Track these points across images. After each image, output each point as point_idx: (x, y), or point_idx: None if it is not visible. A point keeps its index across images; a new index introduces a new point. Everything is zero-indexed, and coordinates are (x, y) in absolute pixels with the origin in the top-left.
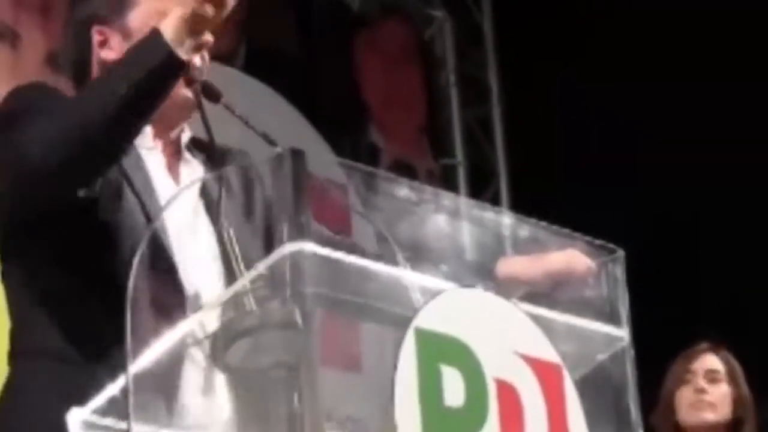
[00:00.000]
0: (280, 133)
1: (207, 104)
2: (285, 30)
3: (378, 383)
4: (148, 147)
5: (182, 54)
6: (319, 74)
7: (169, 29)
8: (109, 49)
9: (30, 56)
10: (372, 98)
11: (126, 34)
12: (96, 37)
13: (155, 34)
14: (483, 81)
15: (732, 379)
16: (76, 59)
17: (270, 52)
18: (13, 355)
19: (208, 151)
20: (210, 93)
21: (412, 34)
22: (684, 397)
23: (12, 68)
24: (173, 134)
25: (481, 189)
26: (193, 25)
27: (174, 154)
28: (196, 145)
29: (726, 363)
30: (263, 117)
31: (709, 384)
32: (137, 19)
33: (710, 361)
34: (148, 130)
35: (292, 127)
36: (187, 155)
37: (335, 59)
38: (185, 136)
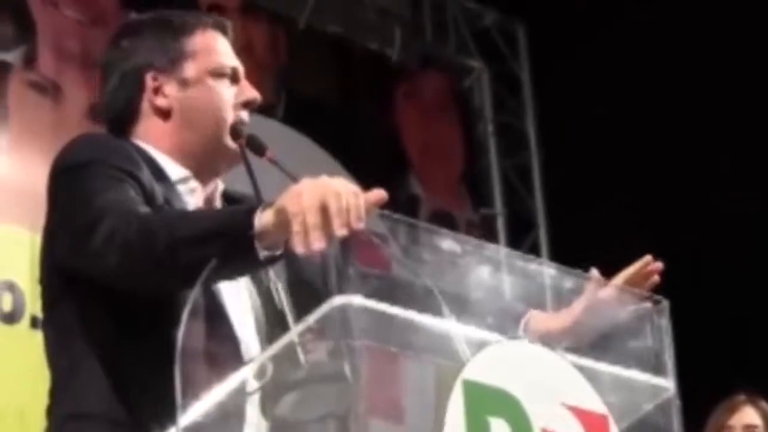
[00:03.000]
0: None
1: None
2: (325, 80)
3: None
4: (191, 188)
5: (266, 250)
6: (358, 125)
7: (279, 218)
8: (163, 96)
9: (72, 110)
10: (411, 149)
11: (182, 83)
12: (150, 83)
13: (250, 221)
14: (521, 130)
15: None
16: (123, 105)
17: (310, 102)
18: (58, 415)
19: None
20: (256, 146)
21: (449, 84)
22: None
23: (54, 122)
24: (212, 183)
25: (521, 238)
26: (322, 217)
27: (208, 202)
28: (227, 198)
29: (764, 417)
30: (301, 169)
31: None
32: (194, 71)
33: (749, 416)
34: (190, 173)
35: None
36: (219, 205)
37: (375, 110)
38: (220, 187)
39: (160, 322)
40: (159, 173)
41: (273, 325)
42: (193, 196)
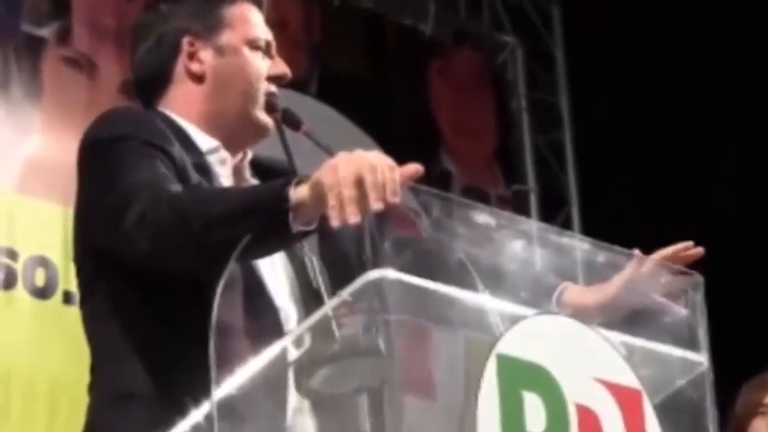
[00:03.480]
0: None
1: None
2: (358, 56)
3: (451, 410)
4: (221, 159)
5: (301, 224)
6: (391, 100)
7: (314, 192)
8: (198, 62)
9: (107, 86)
10: (444, 124)
11: (218, 50)
12: (186, 48)
13: (286, 195)
14: (554, 106)
15: None
16: (156, 68)
17: (343, 78)
18: (102, 395)
19: (266, 174)
20: (291, 120)
21: (483, 60)
22: (758, 431)
23: (89, 98)
24: (240, 154)
25: (553, 214)
26: (358, 191)
27: (237, 173)
28: (255, 166)
29: None
30: (334, 144)
31: None
32: (230, 40)
33: None
34: (219, 144)
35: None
36: (247, 175)
37: (408, 85)
38: (248, 156)
39: (196, 299)
40: (189, 144)
41: (308, 299)
42: (223, 166)
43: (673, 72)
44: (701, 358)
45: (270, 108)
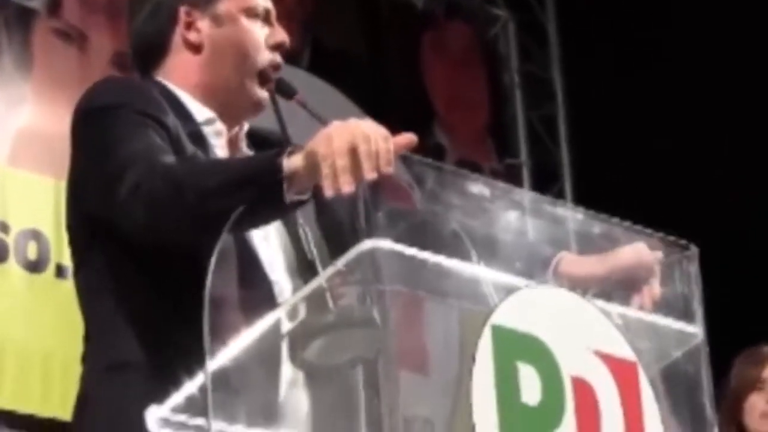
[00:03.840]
0: None
1: None
2: (350, 30)
3: (446, 382)
4: (216, 131)
5: (294, 194)
6: (384, 74)
7: (308, 162)
8: (196, 31)
9: (97, 58)
10: (437, 98)
11: (215, 19)
12: (183, 18)
13: (279, 165)
14: (547, 80)
15: None
16: (153, 37)
17: (335, 51)
18: (95, 365)
19: (263, 145)
20: (284, 90)
21: (476, 33)
22: (755, 406)
23: (80, 70)
24: (236, 127)
25: (545, 188)
26: (351, 160)
27: (232, 145)
28: (252, 137)
29: None
30: (327, 117)
31: None
32: (228, 8)
33: None
34: (215, 115)
35: None
36: (243, 147)
37: (401, 59)
38: (245, 128)
39: (191, 270)
40: (184, 114)
41: (303, 269)
42: (219, 138)
43: (665, 46)
44: (696, 330)
45: (263, 78)
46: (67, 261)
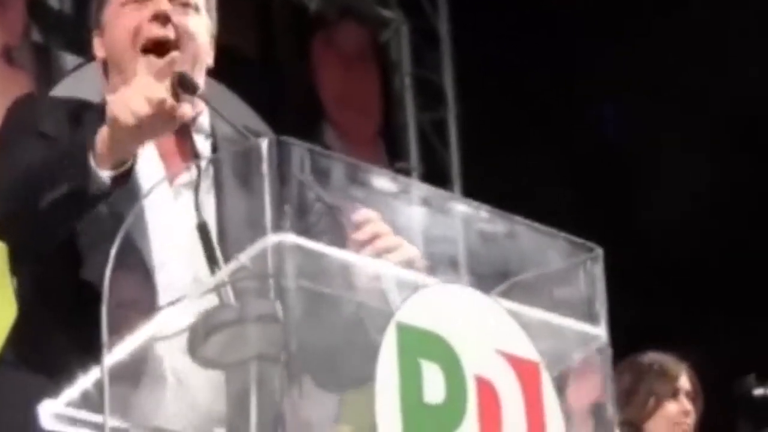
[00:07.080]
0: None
1: None
2: (243, 30)
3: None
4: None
5: (112, 168)
6: (276, 74)
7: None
8: (99, 50)
9: None
10: (328, 99)
11: (101, 31)
12: (95, 41)
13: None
14: (438, 84)
15: (695, 401)
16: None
17: (227, 51)
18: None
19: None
20: (186, 84)
21: (368, 36)
22: (670, 414)
23: None
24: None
25: None
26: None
27: (179, 135)
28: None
29: (693, 383)
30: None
31: (690, 405)
32: (108, 11)
33: (688, 381)
34: None
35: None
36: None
37: (292, 60)
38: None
39: (70, 267)
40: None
41: (207, 264)
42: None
43: (557, 51)
44: (599, 332)
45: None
46: None
